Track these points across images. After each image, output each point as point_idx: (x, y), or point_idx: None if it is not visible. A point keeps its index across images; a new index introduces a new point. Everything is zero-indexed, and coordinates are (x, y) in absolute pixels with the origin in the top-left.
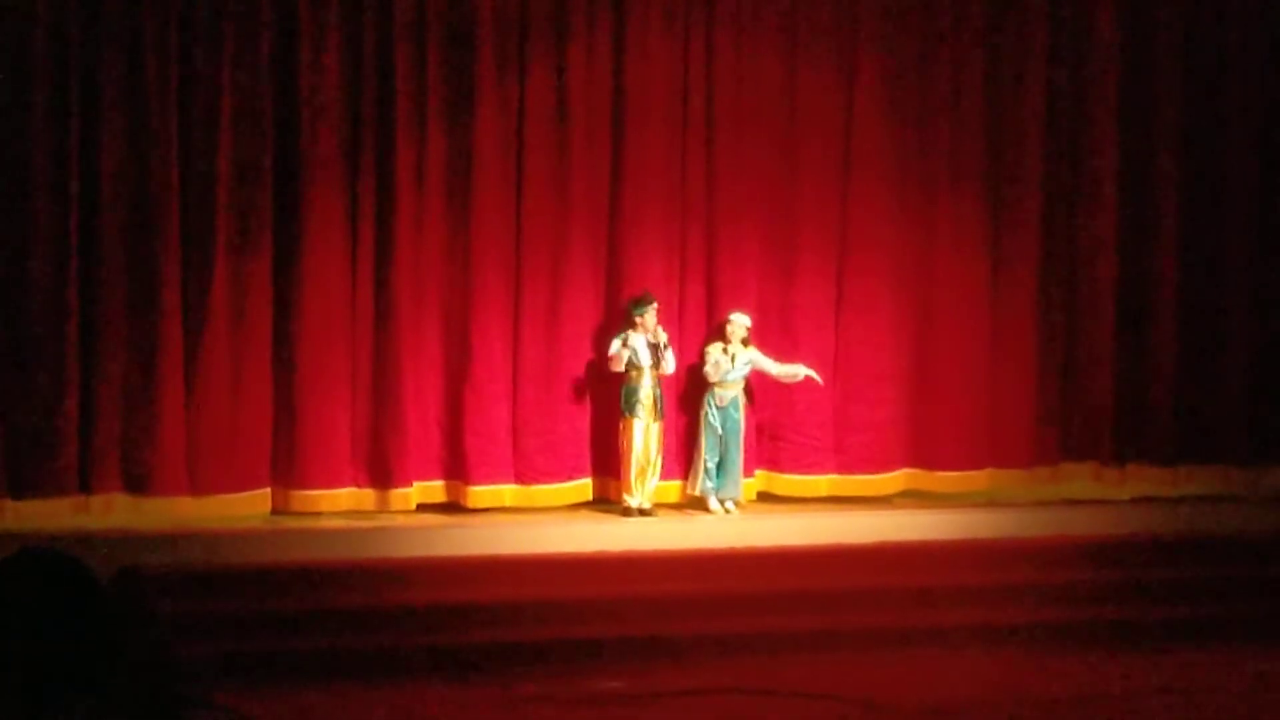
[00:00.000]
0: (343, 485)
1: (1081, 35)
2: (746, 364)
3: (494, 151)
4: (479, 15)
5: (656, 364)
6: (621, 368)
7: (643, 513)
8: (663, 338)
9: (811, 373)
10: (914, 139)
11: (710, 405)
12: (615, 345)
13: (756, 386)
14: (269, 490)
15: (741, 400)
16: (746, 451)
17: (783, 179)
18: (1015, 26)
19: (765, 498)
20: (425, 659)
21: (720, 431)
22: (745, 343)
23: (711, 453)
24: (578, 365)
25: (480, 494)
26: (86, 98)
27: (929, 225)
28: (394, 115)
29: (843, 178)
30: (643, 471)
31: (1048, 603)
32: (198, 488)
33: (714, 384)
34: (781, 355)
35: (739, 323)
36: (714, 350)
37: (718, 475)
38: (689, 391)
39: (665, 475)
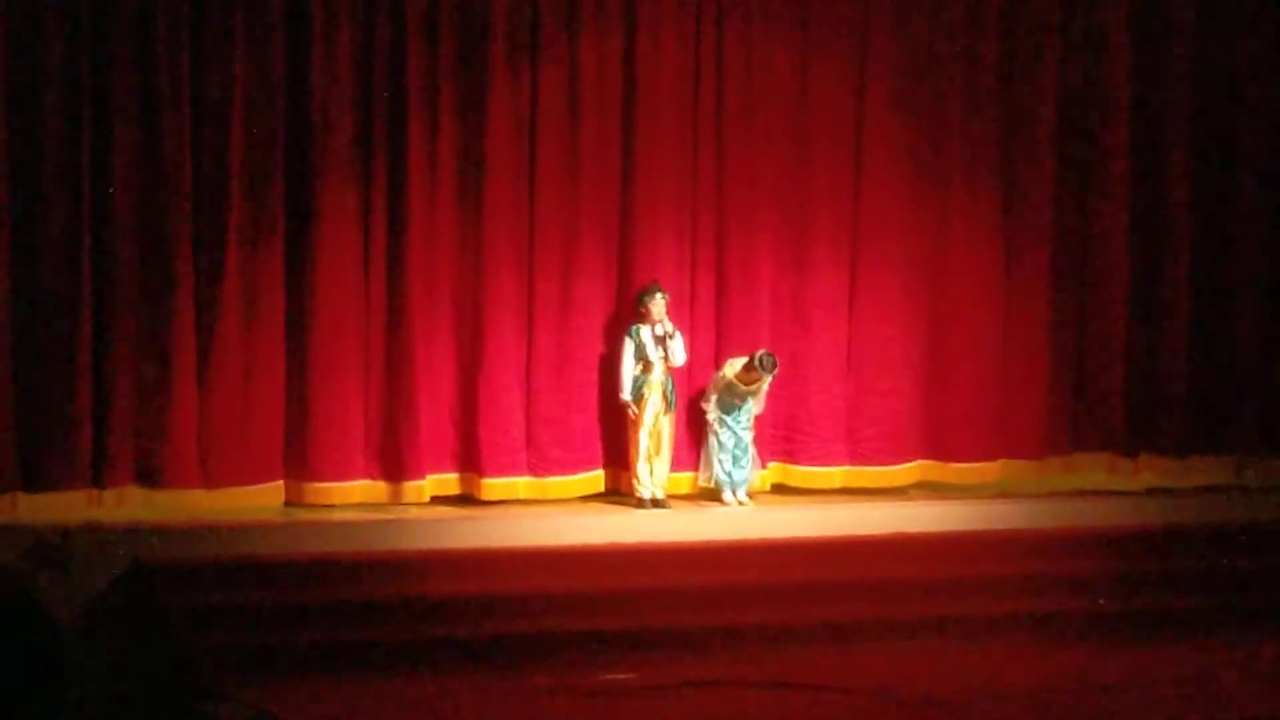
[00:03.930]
0: (356, 478)
1: (1095, 24)
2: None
3: (506, 144)
4: (491, 9)
5: (665, 356)
6: (629, 388)
7: (656, 503)
8: (669, 328)
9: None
10: (926, 128)
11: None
12: (626, 358)
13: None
14: (282, 483)
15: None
16: (761, 444)
17: (795, 170)
18: (1028, 15)
19: (779, 489)
20: (438, 651)
21: (737, 427)
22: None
23: (726, 447)
24: (590, 357)
25: (494, 486)
26: (99, 90)
27: (941, 216)
28: (406, 108)
29: (855, 168)
30: (649, 459)
31: (1060, 593)
32: (211, 480)
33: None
34: (795, 346)
35: (769, 366)
36: (729, 369)
37: (735, 467)
38: (701, 384)
39: (677, 466)
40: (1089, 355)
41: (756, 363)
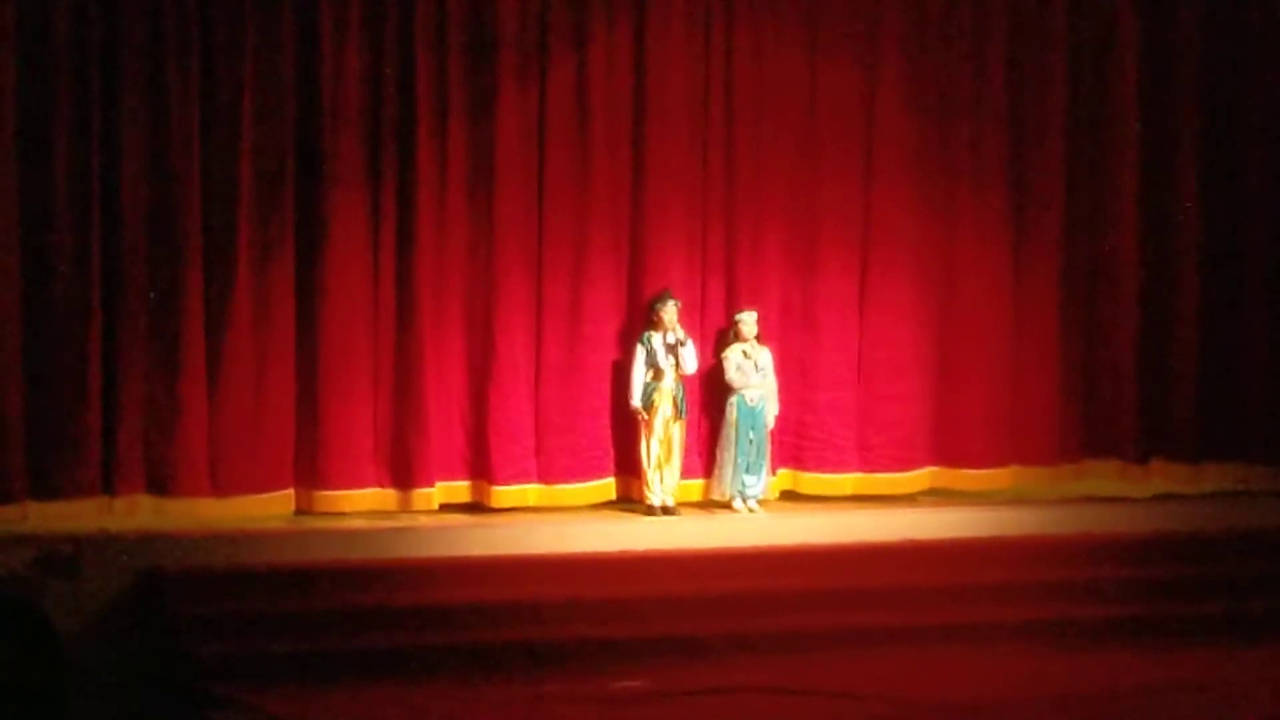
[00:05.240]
0: (366, 486)
1: (1103, 26)
2: (768, 363)
3: (515, 150)
4: (500, 14)
5: (677, 363)
6: (640, 394)
7: (666, 511)
8: (681, 335)
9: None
10: (936, 132)
11: (740, 407)
12: (637, 365)
13: (780, 386)
14: (292, 491)
15: (768, 397)
16: (771, 450)
17: (804, 174)
18: (1036, 17)
19: (790, 496)
20: (449, 658)
21: (751, 434)
22: (759, 339)
23: (743, 454)
24: (600, 364)
25: (504, 494)
26: (108, 99)
27: (951, 221)
28: (415, 114)
29: (864, 172)
30: (659, 467)
31: (1071, 600)
32: (221, 489)
33: (740, 387)
34: (805, 353)
35: (750, 321)
36: (734, 354)
37: (747, 475)
38: (711, 392)
39: (688, 474)
40: (1100, 361)
41: (734, 318)
